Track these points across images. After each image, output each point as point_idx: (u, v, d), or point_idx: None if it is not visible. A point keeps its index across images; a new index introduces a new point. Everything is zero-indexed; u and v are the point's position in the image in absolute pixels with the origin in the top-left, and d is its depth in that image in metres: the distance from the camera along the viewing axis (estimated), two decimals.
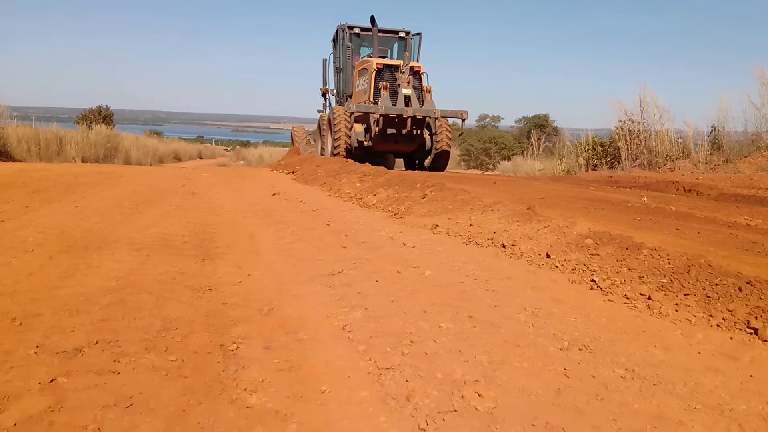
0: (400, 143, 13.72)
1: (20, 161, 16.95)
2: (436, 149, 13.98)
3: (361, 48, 15.58)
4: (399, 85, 12.98)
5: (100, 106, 34.17)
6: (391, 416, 2.29)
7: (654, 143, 16.01)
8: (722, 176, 12.78)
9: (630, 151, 16.50)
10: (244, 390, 2.48)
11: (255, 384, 2.54)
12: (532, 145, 24.97)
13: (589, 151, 18.24)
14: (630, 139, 16.49)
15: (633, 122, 16.68)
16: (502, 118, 52.97)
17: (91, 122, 27.00)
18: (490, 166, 30.21)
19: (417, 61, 14.48)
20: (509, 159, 30.08)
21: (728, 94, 16.87)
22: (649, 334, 3.25)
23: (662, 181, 12.51)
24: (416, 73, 13.49)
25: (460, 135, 14.96)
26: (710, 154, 14.81)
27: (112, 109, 34.92)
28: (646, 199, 9.13)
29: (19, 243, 4.86)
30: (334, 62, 16.03)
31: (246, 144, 62.90)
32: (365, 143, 13.48)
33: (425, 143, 14.09)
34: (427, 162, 14.48)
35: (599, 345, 3.06)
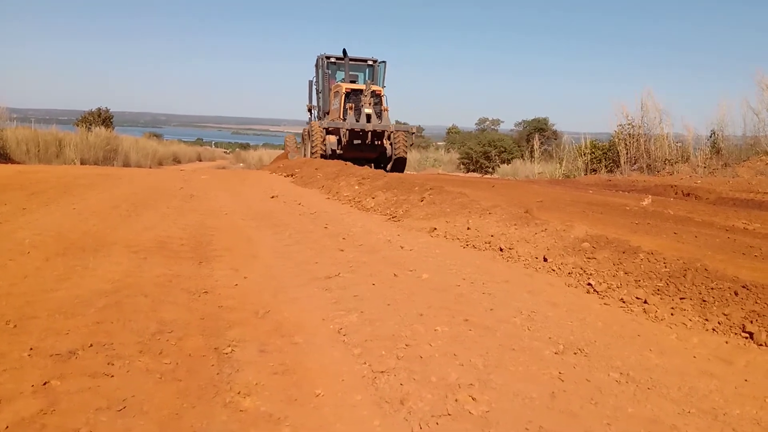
0: (365, 151, 16.79)
1: (19, 163, 16.97)
2: (395, 155, 17.13)
3: (338, 72, 18.60)
4: (363, 105, 16.35)
5: (99, 108, 34.11)
6: (385, 420, 2.28)
7: (653, 147, 16.02)
8: (721, 180, 12.80)
9: (629, 155, 16.52)
10: (238, 393, 2.47)
11: (249, 387, 2.53)
12: (531, 148, 24.97)
13: (589, 154, 18.25)
14: (629, 142, 16.50)
15: (633, 126, 16.70)
16: (502, 122, 52.96)
17: (90, 124, 27.01)
18: (490, 170, 30.18)
19: (382, 85, 18.06)
20: (509, 162, 30.07)
21: (728, 98, 16.89)
22: (645, 338, 3.25)
23: (661, 185, 12.53)
24: (377, 96, 16.87)
25: (411, 145, 18.43)
26: (709, 158, 14.81)
27: (111, 111, 34.86)
28: (646, 202, 9.13)
29: (16, 245, 4.85)
30: (315, 84, 19.17)
31: (245, 146, 62.85)
32: (337, 151, 16.38)
33: (386, 151, 17.28)
34: (388, 167, 17.02)
35: (594, 349, 3.06)
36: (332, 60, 18.29)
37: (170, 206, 7.84)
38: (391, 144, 17.02)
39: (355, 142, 16.35)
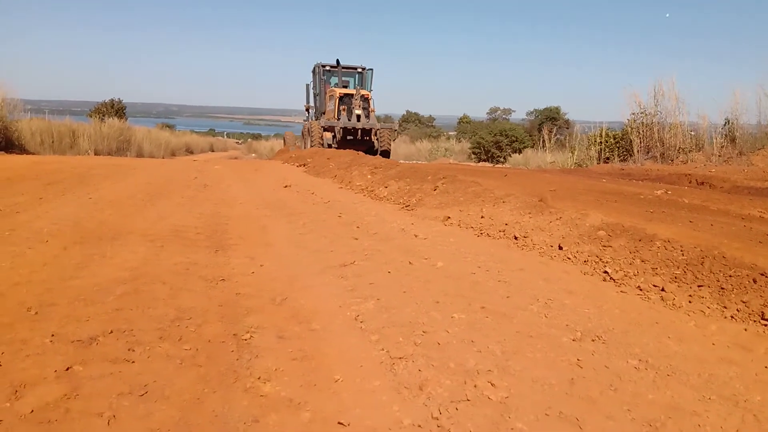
0: (356, 145, 19.03)
1: (34, 154, 17.07)
2: (381, 149, 19.92)
3: (332, 78, 21.75)
4: (353, 107, 19.43)
5: (112, 99, 34.21)
6: (404, 405, 2.29)
7: (667, 135, 15.87)
8: (735, 169, 12.69)
9: (642, 144, 16.38)
10: (258, 379, 2.49)
11: (269, 373, 2.55)
12: (543, 137, 24.84)
13: (601, 143, 18.13)
14: (643, 131, 16.37)
15: (646, 114, 16.54)
16: (513, 111, 52.78)
17: (103, 115, 27.10)
18: (501, 159, 30.03)
19: (369, 89, 21.16)
20: (520, 152, 29.90)
21: (743, 86, 16.65)
22: (663, 326, 3.24)
23: (675, 174, 12.44)
24: (365, 99, 19.95)
25: (394, 140, 21.50)
26: (723, 146, 14.66)
27: (124, 102, 34.95)
28: (659, 192, 9.07)
29: (34, 234, 4.90)
30: (313, 88, 22.31)
31: (257, 137, 62.94)
32: (333, 145, 19.08)
33: (374, 145, 20.09)
34: None
35: (612, 336, 3.06)
36: (327, 68, 21.58)
37: (185, 196, 7.88)
38: (377, 139, 20.06)
39: (348, 137, 19.43)
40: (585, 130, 20.67)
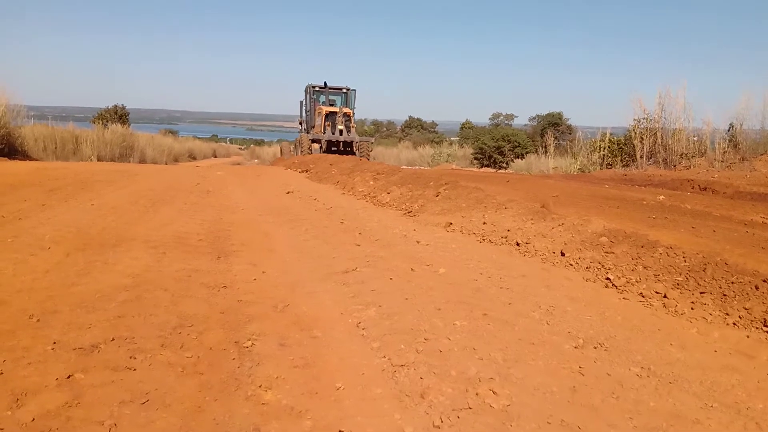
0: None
1: (37, 160, 17.09)
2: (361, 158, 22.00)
3: (320, 96, 24.97)
4: (337, 123, 22.58)
5: (115, 105, 34.28)
6: (405, 413, 2.29)
7: (670, 141, 15.84)
8: (738, 174, 12.65)
9: (645, 149, 16.36)
10: (259, 386, 2.49)
11: (270, 380, 2.55)
12: (545, 143, 24.85)
13: (604, 149, 18.12)
14: (646, 136, 16.34)
15: (650, 120, 16.51)
16: (516, 117, 52.78)
17: (106, 121, 27.13)
18: (504, 165, 30.01)
19: (353, 107, 24.51)
20: (523, 157, 29.89)
21: (747, 91, 16.52)
22: (665, 333, 3.24)
23: (677, 180, 12.41)
24: (347, 116, 23.14)
25: (371, 151, 24.32)
26: (726, 152, 14.63)
27: (127, 108, 35.03)
28: (662, 197, 9.06)
29: (37, 240, 4.91)
30: (304, 105, 25.55)
31: (260, 143, 63.13)
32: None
33: (355, 155, 22.20)
34: None
35: (614, 343, 3.05)
36: (317, 88, 24.78)
37: (187, 202, 7.90)
38: (357, 150, 22.81)
39: (333, 149, 22.59)
40: (588, 136, 20.67)
